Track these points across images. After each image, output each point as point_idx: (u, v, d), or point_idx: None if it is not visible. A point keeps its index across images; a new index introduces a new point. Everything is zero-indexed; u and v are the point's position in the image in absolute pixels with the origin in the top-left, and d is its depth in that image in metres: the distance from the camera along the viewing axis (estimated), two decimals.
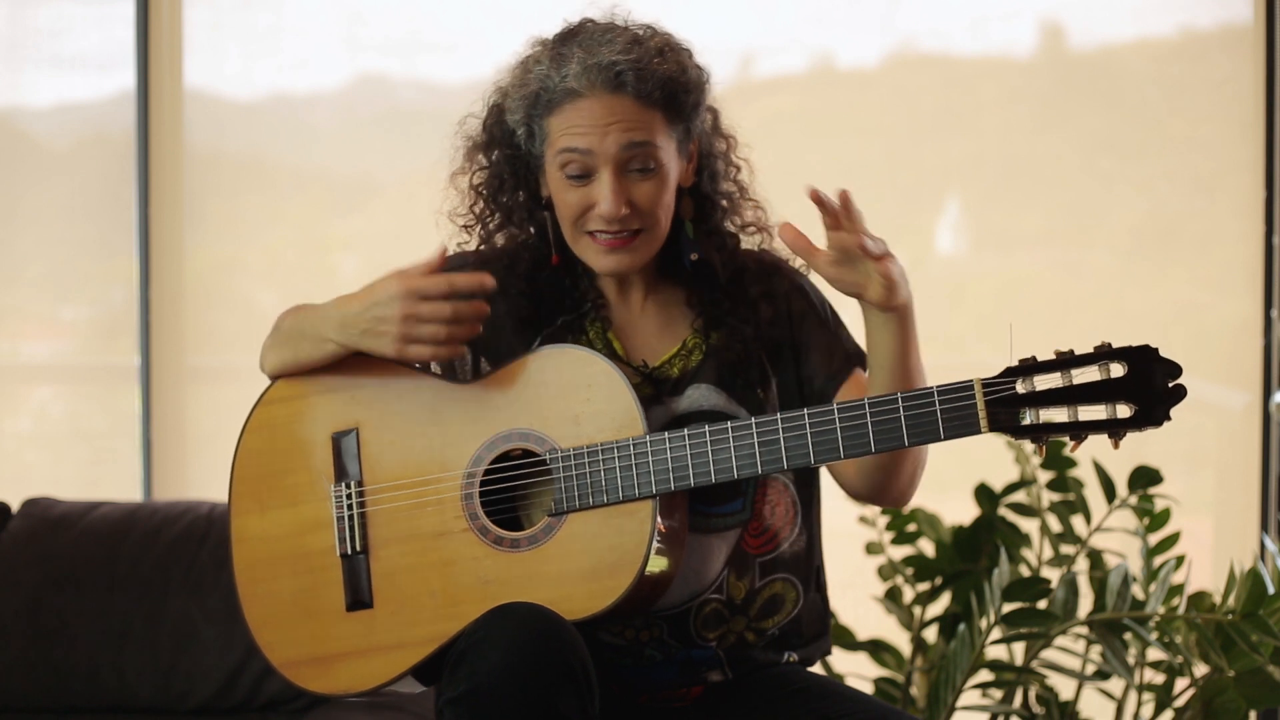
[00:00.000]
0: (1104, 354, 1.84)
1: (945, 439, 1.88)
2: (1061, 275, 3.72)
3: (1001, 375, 1.87)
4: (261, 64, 3.91)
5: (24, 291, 3.98)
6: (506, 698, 1.85)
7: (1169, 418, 1.84)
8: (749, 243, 2.20)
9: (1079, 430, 1.85)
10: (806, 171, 2.19)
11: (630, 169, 2.03)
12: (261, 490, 2.15)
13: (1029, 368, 1.86)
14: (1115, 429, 1.84)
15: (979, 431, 1.87)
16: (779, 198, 2.26)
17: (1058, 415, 1.86)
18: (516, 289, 2.14)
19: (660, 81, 2.03)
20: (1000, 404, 1.86)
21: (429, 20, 3.88)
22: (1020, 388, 1.86)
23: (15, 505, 3.12)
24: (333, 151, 3.94)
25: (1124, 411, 1.84)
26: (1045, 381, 1.86)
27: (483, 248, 2.20)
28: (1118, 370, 1.83)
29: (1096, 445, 2.99)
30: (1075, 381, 1.85)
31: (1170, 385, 1.83)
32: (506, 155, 2.14)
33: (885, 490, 2.10)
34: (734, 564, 2.12)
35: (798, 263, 2.19)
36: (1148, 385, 1.82)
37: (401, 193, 3.94)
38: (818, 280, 2.17)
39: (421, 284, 1.99)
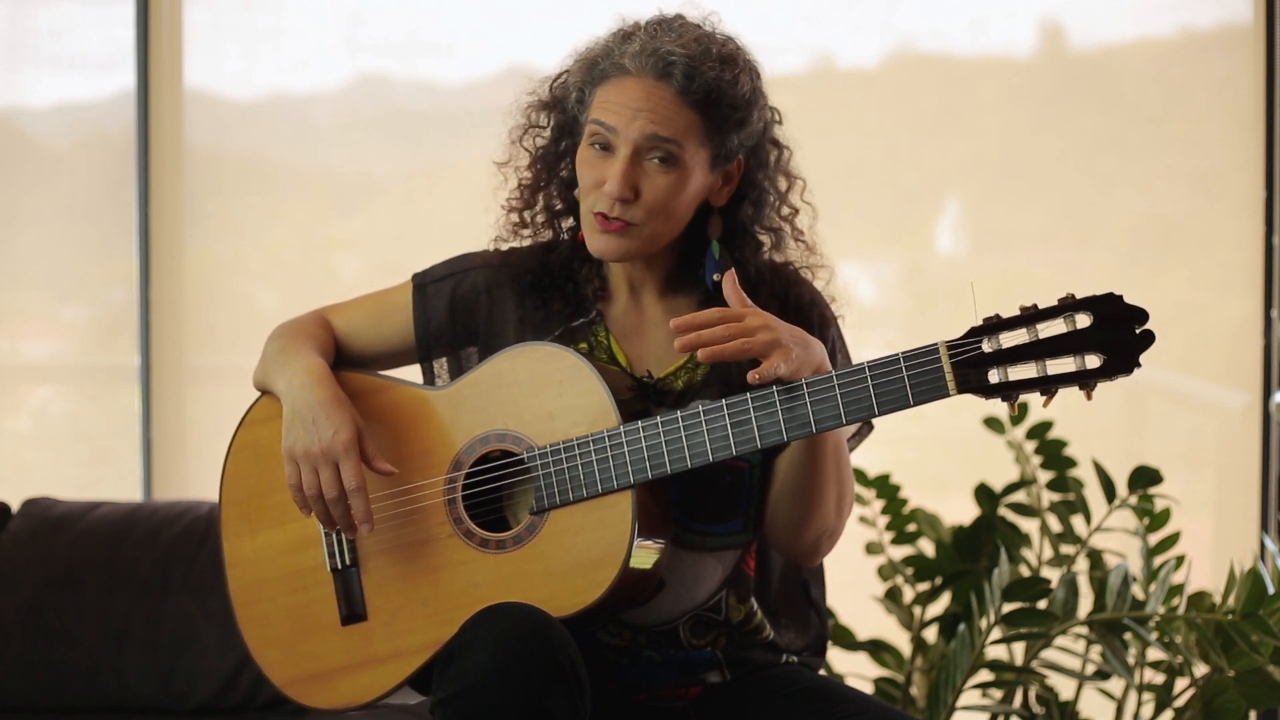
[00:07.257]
0: (1069, 305, 1.82)
1: (915, 404, 1.85)
2: (1061, 275, 3.71)
3: (966, 335, 1.85)
4: (261, 64, 3.91)
5: (24, 291, 3.98)
6: (495, 697, 1.84)
7: (1139, 364, 1.81)
8: None
9: (1049, 384, 1.82)
10: (806, 171, 2.19)
11: (648, 159, 2.02)
12: (250, 512, 2.16)
13: (994, 325, 1.83)
14: (1085, 380, 1.81)
15: (948, 394, 1.84)
16: None
17: (1026, 371, 1.83)
18: (530, 281, 2.14)
19: (706, 86, 2.01)
20: (967, 365, 1.83)
21: (429, 20, 3.88)
22: (986, 346, 1.83)
23: (15, 505, 3.12)
24: (333, 151, 3.94)
25: (1093, 362, 1.81)
26: (1012, 339, 1.83)
27: (509, 245, 2.20)
28: (1084, 321, 1.81)
29: (1096, 446, 3.01)
30: (1042, 336, 1.82)
31: (1138, 331, 1.80)
32: (559, 121, 2.14)
33: (796, 539, 2.08)
34: (734, 586, 2.11)
35: (819, 284, 2.18)
36: (1115, 333, 1.80)
37: (401, 193, 3.94)
38: (830, 300, 2.17)
39: (355, 461, 2.00)
